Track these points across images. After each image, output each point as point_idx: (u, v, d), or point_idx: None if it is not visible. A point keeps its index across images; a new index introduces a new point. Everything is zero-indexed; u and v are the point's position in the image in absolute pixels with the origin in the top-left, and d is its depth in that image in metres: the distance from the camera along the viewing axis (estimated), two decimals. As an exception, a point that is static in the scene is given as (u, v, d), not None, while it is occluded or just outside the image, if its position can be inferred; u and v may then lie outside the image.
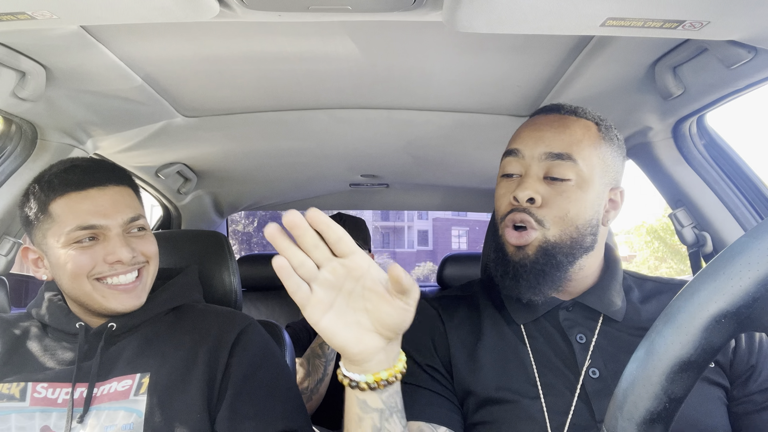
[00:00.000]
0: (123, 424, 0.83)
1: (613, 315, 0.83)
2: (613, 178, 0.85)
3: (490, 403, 0.80)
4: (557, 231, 0.80)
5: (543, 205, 0.81)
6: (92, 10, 0.74)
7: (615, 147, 0.85)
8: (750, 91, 0.98)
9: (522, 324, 0.85)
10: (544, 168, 0.82)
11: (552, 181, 0.81)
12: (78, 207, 0.89)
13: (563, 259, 0.80)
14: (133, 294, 0.92)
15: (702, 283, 0.43)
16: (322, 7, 0.76)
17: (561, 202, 0.80)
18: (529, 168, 0.83)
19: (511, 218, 0.83)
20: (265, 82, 1.19)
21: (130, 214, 0.93)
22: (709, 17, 0.72)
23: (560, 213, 0.80)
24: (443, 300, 0.95)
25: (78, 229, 0.88)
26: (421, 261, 29.24)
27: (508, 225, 0.83)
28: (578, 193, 0.80)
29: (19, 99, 1.04)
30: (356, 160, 1.81)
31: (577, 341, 0.81)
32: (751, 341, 0.81)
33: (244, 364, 0.92)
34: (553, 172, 0.81)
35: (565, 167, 0.81)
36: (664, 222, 16.37)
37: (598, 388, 0.77)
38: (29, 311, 0.97)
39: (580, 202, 0.80)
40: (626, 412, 0.45)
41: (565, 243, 0.80)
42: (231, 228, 2.94)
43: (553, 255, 0.80)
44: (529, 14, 0.72)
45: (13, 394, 0.86)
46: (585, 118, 0.85)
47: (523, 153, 0.84)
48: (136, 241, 0.93)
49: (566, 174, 0.80)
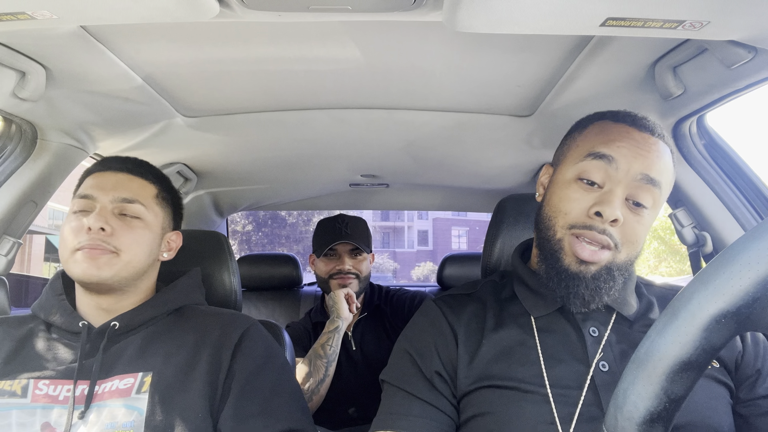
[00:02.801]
0: (124, 422, 0.84)
1: (626, 312, 0.84)
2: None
3: (495, 391, 0.81)
4: (626, 255, 0.80)
5: (621, 230, 0.78)
6: (92, 10, 0.74)
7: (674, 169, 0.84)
8: (750, 91, 0.98)
9: (534, 317, 0.86)
10: (633, 188, 0.79)
11: (635, 206, 0.79)
12: (89, 182, 0.97)
13: (619, 277, 0.80)
14: (94, 264, 0.90)
15: (702, 283, 0.43)
16: (322, 7, 0.76)
17: (638, 229, 0.79)
18: (620, 184, 0.79)
19: (589, 235, 0.78)
20: (265, 82, 1.19)
21: (125, 194, 0.96)
22: (709, 17, 0.72)
23: (634, 239, 0.79)
24: (447, 299, 0.95)
25: (78, 197, 0.96)
26: (421, 261, 29.25)
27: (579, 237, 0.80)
28: (649, 220, 0.80)
29: (19, 99, 1.04)
30: (356, 160, 1.81)
31: (590, 334, 0.82)
32: (756, 345, 0.82)
33: (248, 365, 0.92)
34: (640, 197, 0.79)
35: (652, 194, 0.79)
36: (664, 222, 16.36)
37: (607, 380, 0.78)
38: (34, 311, 0.98)
39: (647, 226, 0.80)
40: (626, 412, 0.45)
41: (628, 266, 0.81)
42: (231, 228, 2.94)
43: (613, 274, 0.79)
44: (529, 14, 0.72)
45: (15, 391, 0.86)
46: (665, 142, 0.82)
47: (619, 165, 0.79)
48: (119, 223, 0.93)
49: (648, 201, 0.79)
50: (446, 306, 0.93)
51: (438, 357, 0.86)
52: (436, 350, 0.87)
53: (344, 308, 1.66)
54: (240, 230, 21.89)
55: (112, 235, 0.92)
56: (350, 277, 1.76)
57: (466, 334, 0.87)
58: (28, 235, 13.36)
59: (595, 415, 0.76)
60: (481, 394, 0.82)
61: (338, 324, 1.62)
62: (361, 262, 1.81)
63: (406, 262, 31.19)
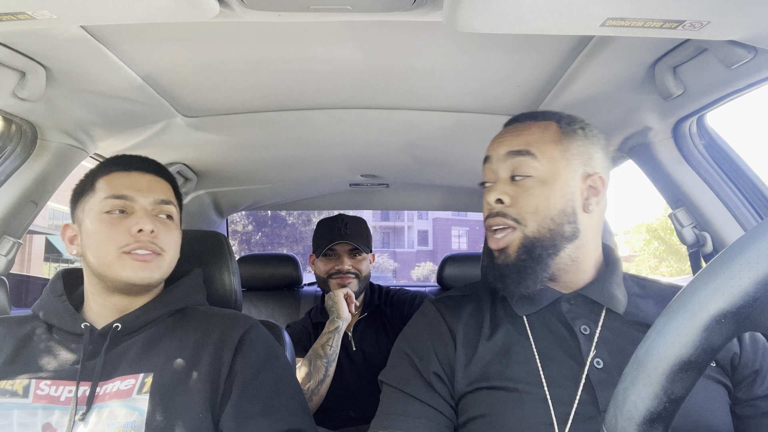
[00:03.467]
0: (125, 423, 0.84)
1: (615, 308, 0.84)
2: (585, 167, 0.87)
3: (493, 392, 0.81)
4: (534, 226, 0.84)
5: (513, 204, 0.85)
6: (92, 10, 0.74)
7: (580, 138, 0.88)
8: (750, 91, 0.98)
9: (525, 317, 0.87)
10: (509, 169, 0.87)
11: (516, 180, 0.86)
12: (118, 182, 0.96)
13: (543, 252, 0.84)
14: (146, 267, 0.93)
15: (702, 283, 0.43)
16: (322, 7, 0.76)
17: (528, 199, 0.84)
18: (497, 171, 0.89)
19: (489, 223, 0.88)
20: (265, 82, 1.19)
21: (162, 196, 0.98)
22: (709, 17, 0.72)
23: (530, 209, 0.84)
24: (446, 300, 0.96)
25: (112, 197, 0.94)
26: (421, 261, 29.25)
27: (489, 230, 0.89)
28: (542, 188, 0.84)
29: (19, 99, 1.04)
30: (356, 160, 1.81)
31: (581, 332, 0.83)
32: (755, 345, 0.82)
33: (249, 365, 0.92)
34: (517, 170, 0.86)
35: (526, 164, 0.85)
36: (663, 221, 16.37)
37: (602, 378, 0.78)
38: (34, 312, 0.98)
39: (546, 195, 0.84)
40: (626, 412, 0.45)
41: (545, 236, 0.84)
42: (231, 228, 2.94)
43: (533, 250, 0.84)
44: (529, 14, 0.72)
45: (16, 391, 0.86)
46: (544, 120, 0.90)
47: (491, 158, 0.90)
48: (160, 225, 0.96)
49: (527, 171, 0.85)
50: (444, 307, 0.93)
51: (436, 358, 0.87)
52: (435, 351, 0.87)
53: (344, 308, 1.66)
54: (240, 230, 21.89)
55: (157, 236, 0.94)
56: (349, 276, 1.76)
57: (464, 335, 0.88)
58: (28, 235, 13.36)
59: (591, 414, 0.76)
60: (479, 396, 0.82)
61: (338, 324, 1.62)
62: (361, 262, 1.80)
63: (406, 262, 31.19)
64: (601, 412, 0.76)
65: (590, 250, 0.88)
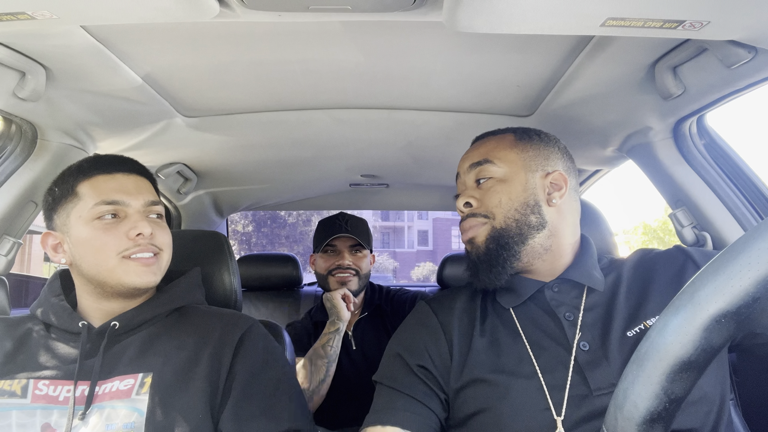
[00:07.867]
0: (124, 423, 0.83)
1: (595, 285, 0.91)
2: (543, 166, 0.95)
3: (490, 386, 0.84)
4: (501, 218, 0.92)
5: (480, 205, 0.95)
6: (92, 10, 0.74)
7: (536, 142, 0.98)
8: (750, 91, 0.98)
9: (512, 310, 0.92)
10: (473, 177, 0.97)
11: (480, 183, 0.97)
12: (104, 186, 0.94)
13: (510, 240, 0.91)
14: (149, 270, 0.94)
15: (702, 283, 0.42)
16: (322, 7, 0.76)
17: (491, 196, 0.94)
18: (465, 182, 1.00)
19: (463, 226, 0.98)
20: (265, 82, 1.19)
21: (150, 197, 0.98)
22: (709, 17, 0.72)
23: (493, 204, 0.93)
24: (438, 298, 1.01)
25: (102, 203, 0.93)
26: (421, 261, 29.24)
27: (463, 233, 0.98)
28: (502, 185, 0.94)
29: (19, 99, 1.04)
30: (356, 160, 1.81)
31: (565, 318, 0.88)
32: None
33: (249, 365, 0.92)
34: (479, 176, 0.97)
35: (486, 170, 0.96)
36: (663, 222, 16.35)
37: (589, 359, 0.83)
38: (32, 312, 0.97)
39: (507, 191, 0.93)
40: (626, 412, 0.45)
41: (511, 226, 0.92)
42: (231, 228, 2.94)
43: (500, 239, 0.92)
44: (529, 14, 0.72)
45: (15, 391, 0.86)
46: (502, 133, 1.01)
47: (460, 173, 1.02)
48: (154, 225, 0.97)
49: (488, 174, 0.96)
50: (437, 305, 0.98)
51: (427, 354, 0.90)
52: (426, 348, 0.91)
53: (342, 309, 1.66)
54: (240, 230, 21.88)
55: (155, 237, 0.95)
56: (350, 272, 1.75)
57: (458, 331, 0.92)
58: (28, 235, 13.36)
59: (583, 393, 0.80)
60: (476, 390, 0.85)
61: (339, 326, 1.62)
62: (361, 258, 1.80)
63: (406, 262, 31.19)
64: (593, 390, 0.80)
65: (564, 238, 0.94)
